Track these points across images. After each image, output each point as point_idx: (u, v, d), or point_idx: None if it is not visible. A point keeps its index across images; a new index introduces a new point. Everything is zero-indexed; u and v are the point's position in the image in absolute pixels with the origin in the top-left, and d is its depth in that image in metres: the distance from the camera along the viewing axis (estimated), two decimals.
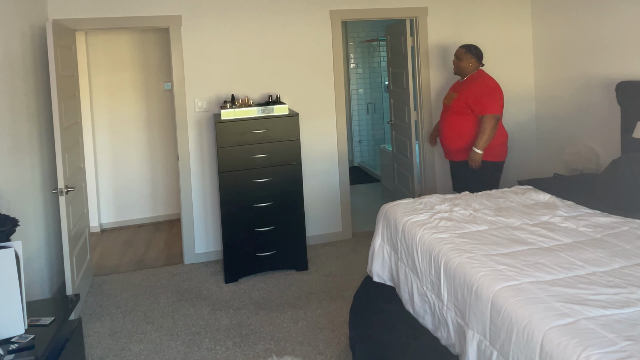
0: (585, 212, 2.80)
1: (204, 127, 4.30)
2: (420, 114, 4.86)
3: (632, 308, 1.72)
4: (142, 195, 5.52)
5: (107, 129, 5.41)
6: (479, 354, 1.92)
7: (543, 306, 1.74)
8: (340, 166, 4.63)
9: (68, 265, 3.26)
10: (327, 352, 2.88)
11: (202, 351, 2.95)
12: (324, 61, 4.56)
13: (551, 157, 4.86)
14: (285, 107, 3.98)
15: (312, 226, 4.52)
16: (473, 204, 2.97)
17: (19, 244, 2.17)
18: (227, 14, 4.33)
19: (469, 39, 4.93)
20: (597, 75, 4.25)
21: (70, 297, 2.53)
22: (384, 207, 3.00)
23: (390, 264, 2.84)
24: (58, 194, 3.24)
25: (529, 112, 5.08)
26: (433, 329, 2.34)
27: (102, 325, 3.31)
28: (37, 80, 3.59)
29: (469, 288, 2.03)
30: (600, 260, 2.12)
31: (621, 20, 3.99)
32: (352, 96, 7.92)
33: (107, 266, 4.34)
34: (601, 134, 4.24)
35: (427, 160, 4.86)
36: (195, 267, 4.20)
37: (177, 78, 4.24)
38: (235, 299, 3.58)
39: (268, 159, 3.89)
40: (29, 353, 1.98)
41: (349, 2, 4.60)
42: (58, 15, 4.02)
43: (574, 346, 1.51)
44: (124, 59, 5.45)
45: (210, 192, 4.33)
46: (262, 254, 3.90)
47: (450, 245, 2.33)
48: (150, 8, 4.20)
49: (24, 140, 3.26)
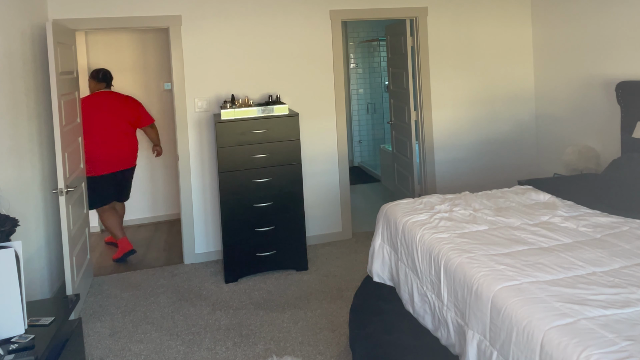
0: (585, 212, 2.80)
1: (204, 127, 4.30)
2: (420, 114, 4.86)
3: (632, 308, 1.72)
4: (142, 195, 5.52)
5: None
6: (479, 354, 1.92)
7: (543, 306, 1.74)
8: (340, 166, 4.63)
9: (68, 265, 3.26)
10: (327, 352, 2.88)
11: (202, 351, 2.95)
12: (324, 61, 4.56)
13: (551, 157, 4.87)
14: (285, 107, 3.98)
15: (312, 226, 4.52)
16: (473, 204, 2.97)
17: (19, 244, 2.17)
18: (227, 14, 4.33)
19: (469, 38, 4.94)
20: (597, 75, 4.25)
21: (70, 297, 2.53)
22: (384, 207, 3.00)
23: (390, 264, 2.84)
24: (58, 194, 3.24)
25: (529, 112, 5.09)
26: (433, 329, 2.34)
27: (102, 325, 3.31)
28: (37, 80, 3.59)
29: (469, 288, 2.03)
30: (600, 260, 2.12)
31: (621, 20, 3.99)
32: (352, 96, 7.92)
33: (107, 266, 4.34)
34: (601, 134, 4.24)
35: (427, 160, 4.86)
36: (195, 267, 4.20)
37: (177, 78, 4.24)
38: (235, 299, 3.58)
39: (268, 159, 3.89)
40: (29, 353, 1.98)
41: (349, 2, 4.60)
42: (58, 15, 4.02)
43: (574, 346, 1.51)
44: (124, 59, 5.45)
45: (210, 192, 4.33)
46: (262, 254, 3.90)
47: (450, 245, 2.33)
48: (150, 8, 4.20)
49: (24, 140, 3.26)
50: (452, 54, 4.89)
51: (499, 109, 5.03)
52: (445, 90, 4.87)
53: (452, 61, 4.89)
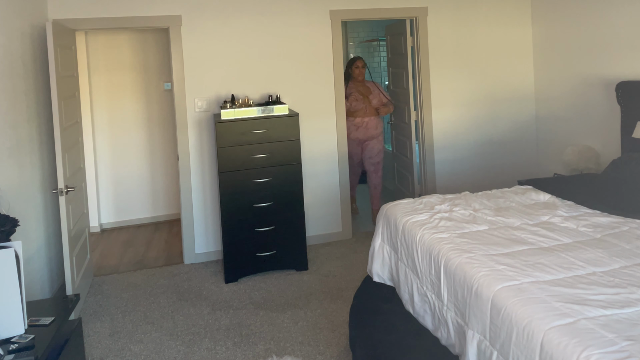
0: (585, 212, 2.80)
1: (204, 127, 4.30)
2: (420, 114, 4.86)
3: (632, 308, 1.72)
4: (142, 195, 5.51)
5: (107, 129, 5.41)
6: (479, 354, 1.92)
7: (543, 306, 1.74)
8: (340, 166, 4.63)
9: (68, 265, 3.26)
10: (327, 352, 2.88)
11: (202, 351, 2.95)
12: (324, 61, 4.56)
13: (551, 157, 4.87)
14: (285, 107, 3.98)
15: (312, 226, 4.52)
16: (473, 204, 2.97)
17: (19, 244, 2.17)
18: (227, 14, 4.33)
19: (469, 38, 4.94)
20: (597, 75, 4.25)
21: (70, 297, 2.53)
22: (384, 207, 3.00)
23: (390, 264, 2.84)
24: (58, 194, 3.23)
25: (529, 112, 5.08)
26: (433, 329, 2.34)
27: (102, 325, 3.31)
28: (37, 80, 3.59)
29: (469, 288, 2.03)
30: (600, 260, 2.12)
31: (621, 20, 3.99)
32: None
33: (107, 266, 4.34)
34: (601, 134, 4.24)
35: (427, 160, 4.86)
36: (195, 267, 4.20)
37: (177, 78, 4.24)
38: (235, 299, 3.58)
39: (268, 159, 3.89)
40: (29, 353, 1.98)
41: (349, 2, 4.60)
42: (58, 15, 4.02)
43: (574, 346, 1.51)
44: (124, 59, 5.45)
45: (210, 192, 4.33)
46: (262, 254, 3.90)
47: (450, 245, 2.33)
48: (150, 8, 4.20)
49: (24, 140, 3.26)
50: (452, 54, 4.89)
51: (499, 109, 5.03)
52: (445, 90, 4.87)
53: (452, 61, 4.89)
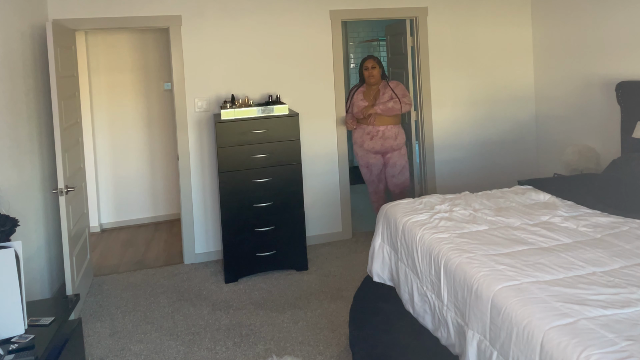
0: (585, 212, 2.80)
1: (204, 127, 4.30)
2: (420, 114, 4.86)
3: (632, 308, 1.72)
4: (142, 195, 5.51)
5: (107, 129, 5.41)
6: (479, 354, 1.92)
7: (543, 306, 1.74)
8: (340, 166, 4.63)
9: (68, 265, 3.26)
10: (327, 352, 2.88)
11: (202, 351, 2.95)
12: (324, 61, 4.56)
13: (551, 157, 4.86)
14: (285, 107, 3.98)
15: (312, 226, 4.52)
16: (473, 204, 2.97)
17: (19, 244, 2.17)
18: (227, 14, 4.33)
19: (469, 38, 4.94)
20: (597, 75, 4.25)
21: (70, 297, 2.53)
22: (384, 207, 3.00)
23: (390, 264, 2.84)
24: (58, 194, 3.24)
25: (529, 112, 5.08)
26: (433, 329, 2.34)
27: (102, 325, 3.31)
28: (37, 80, 3.59)
29: (469, 288, 2.03)
30: (600, 260, 2.12)
31: (621, 21, 3.99)
32: None
33: (107, 266, 4.34)
34: (601, 134, 4.24)
35: (427, 160, 4.86)
36: (195, 267, 4.20)
37: (177, 78, 4.24)
38: (235, 299, 3.58)
39: (268, 159, 3.89)
40: (29, 353, 1.98)
41: (349, 2, 4.60)
42: (58, 15, 4.02)
43: (574, 346, 1.51)
44: (124, 59, 5.45)
45: (210, 192, 4.33)
46: (262, 254, 3.90)
47: (450, 245, 2.33)
48: (150, 8, 4.20)
49: (24, 140, 3.26)
50: (452, 54, 4.89)
51: (499, 109, 5.03)
52: (445, 90, 4.87)
53: (452, 61, 4.89)
